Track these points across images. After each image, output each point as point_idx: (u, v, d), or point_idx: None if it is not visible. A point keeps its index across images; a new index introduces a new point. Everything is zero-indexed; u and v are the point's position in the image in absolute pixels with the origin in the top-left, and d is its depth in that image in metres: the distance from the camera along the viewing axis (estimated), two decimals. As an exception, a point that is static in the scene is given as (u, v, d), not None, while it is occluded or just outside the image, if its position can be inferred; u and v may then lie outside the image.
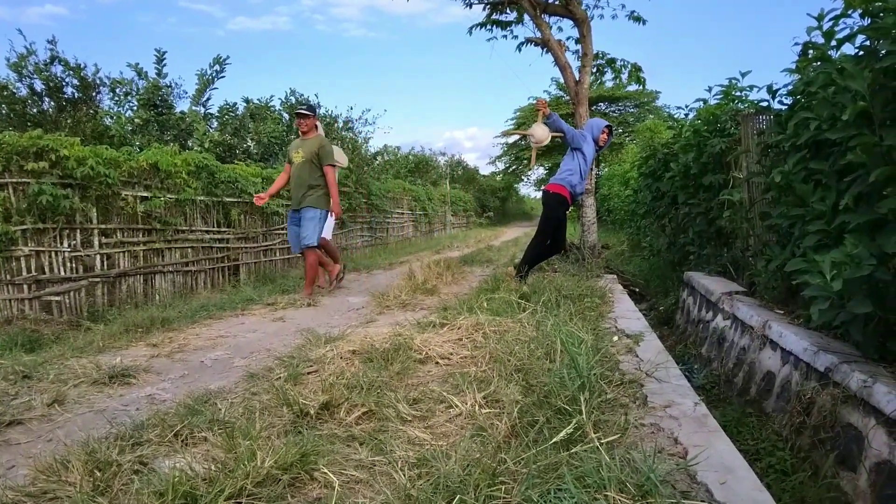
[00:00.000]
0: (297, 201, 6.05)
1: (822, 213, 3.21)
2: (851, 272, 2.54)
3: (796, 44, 3.67)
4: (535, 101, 6.08)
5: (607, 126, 6.09)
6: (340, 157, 6.79)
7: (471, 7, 8.93)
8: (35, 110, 8.38)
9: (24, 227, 5.09)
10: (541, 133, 6.15)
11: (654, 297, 7.40)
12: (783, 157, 3.90)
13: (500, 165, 36.70)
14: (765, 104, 4.58)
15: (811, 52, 3.54)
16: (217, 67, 9.28)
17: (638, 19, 8.99)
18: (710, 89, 5.70)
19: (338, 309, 5.55)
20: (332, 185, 6.05)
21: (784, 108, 4.18)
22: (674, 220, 7.07)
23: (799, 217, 3.52)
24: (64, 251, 5.38)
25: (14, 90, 8.18)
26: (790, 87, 3.98)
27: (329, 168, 6.06)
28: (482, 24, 9.18)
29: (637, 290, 7.56)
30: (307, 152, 6.01)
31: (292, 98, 12.87)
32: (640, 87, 10.08)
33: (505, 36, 9.25)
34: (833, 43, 3.29)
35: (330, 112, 13.75)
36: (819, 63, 3.40)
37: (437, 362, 3.21)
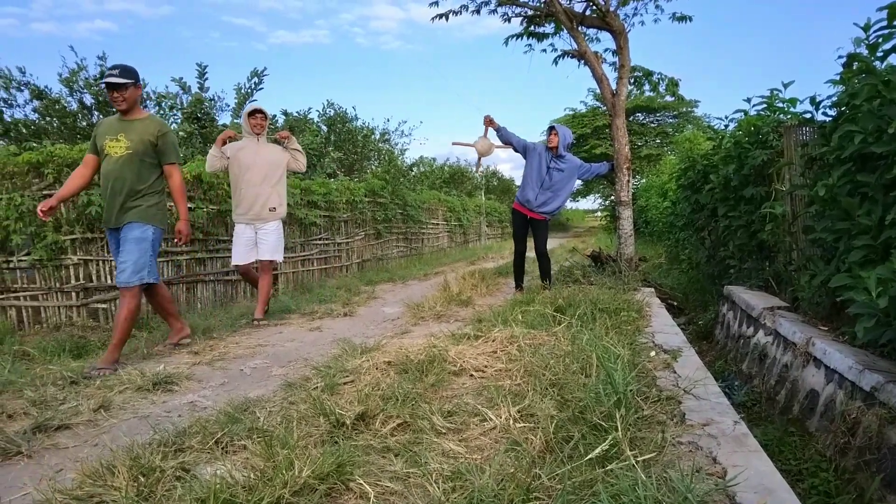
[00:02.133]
0: (114, 215, 4.08)
1: (867, 227, 3.12)
2: (899, 289, 2.47)
3: (840, 56, 3.60)
4: (484, 117, 6.75)
5: (549, 127, 6.51)
6: (299, 157, 5.73)
7: (509, 21, 8.95)
8: (85, 124, 8.69)
9: (74, 236, 5.28)
10: (482, 145, 6.81)
11: (692, 311, 7.27)
12: (827, 169, 3.81)
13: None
14: (808, 116, 4.49)
15: (856, 63, 3.46)
16: (255, 80, 9.48)
17: (682, 18, 8.85)
18: (749, 100, 5.61)
19: (373, 319, 5.60)
20: (181, 195, 4.24)
21: (828, 119, 4.09)
22: (713, 232, 6.94)
23: (844, 231, 3.43)
24: (110, 260, 5.56)
25: (65, 104, 8.50)
26: (834, 99, 3.90)
27: (174, 169, 4.22)
28: (518, 36, 9.20)
29: (675, 303, 7.43)
30: (136, 140, 4.07)
31: (330, 110, 13.08)
32: (675, 99, 9.97)
33: (544, 50, 9.25)
34: (879, 54, 3.22)
35: (367, 124, 13.95)
36: (864, 75, 3.33)
37: (471, 375, 3.22)
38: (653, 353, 3.55)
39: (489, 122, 6.66)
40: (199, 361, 3.98)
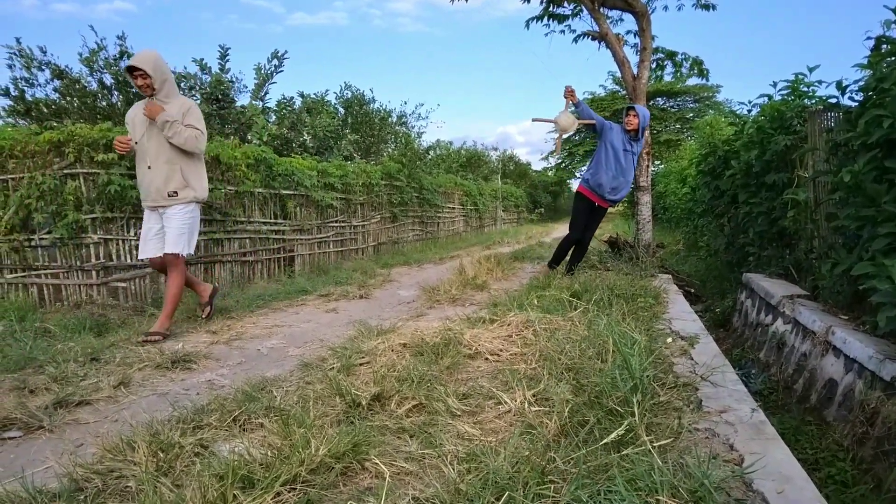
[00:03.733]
0: None
1: (893, 214, 3.07)
2: (924, 278, 2.43)
3: (869, 38, 3.52)
4: (565, 88, 6.13)
5: (628, 108, 6.07)
6: (194, 120, 4.29)
7: (528, 1, 8.85)
8: (105, 103, 8.73)
9: (94, 215, 5.33)
10: (565, 121, 6.17)
11: (710, 298, 7.22)
12: (853, 155, 3.74)
13: (553, 161, 36.27)
14: (833, 100, 4.40)
15: (885, 46, 3.38)
16: (275, 62, 9.48)
17: (707, 7, 8.70)
18: (774, 84, 5.52)
19: (389, 302, 5.62)
20: None
21: (854, 104, 4.00)
22: (733, 219, 6.87)
23: (868, 218, 3.37)
24: (130, 239, 5.61)
25: (85, 84, 8.55)
26: (861, 84, 3.81)
27: None
28: (538, 18, 9.10)
29: (692, 290, 7.38)
30: None
31: (347, 92, 13.05)
32: (703, 81, 9.83)
33: (563, 31, 9.13)
34: (910, 37, 3.14)
35: (384, 107, 13.90)
36: (893, 58, 3.25)
37: (486, 358, 3.22)
38: (670, 340, 3.52)
39: (571, 94, 6.05)
40: (216, 341, 4.02)
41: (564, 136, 6.51)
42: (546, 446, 1.95)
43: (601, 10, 8.09)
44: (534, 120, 7.75)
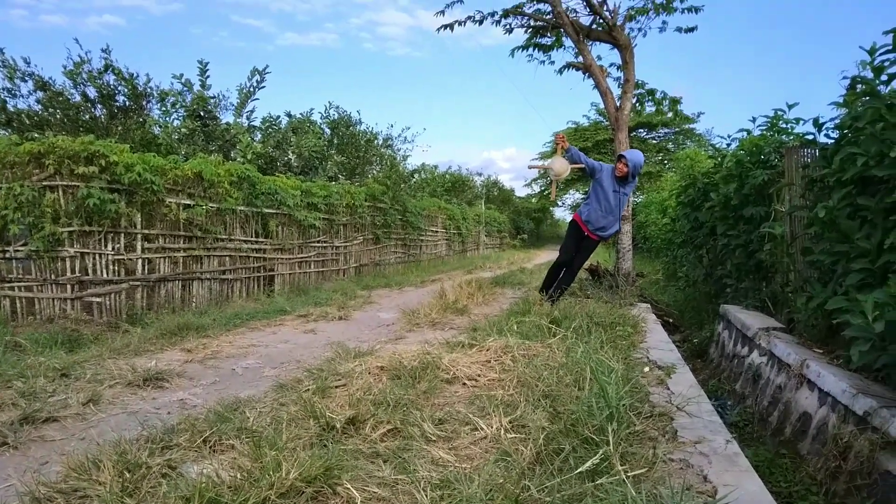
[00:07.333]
0: None
1: (866, 251, 3.12)
2: (895, 313, 2.47)
3: (844, 77, 3.62)
4: (554, 135, 6.32)
5: (619, 155, 6.30)
6: None
7: (510, 32, 9.01)
8: (87, 116, 8.69)
9: (71, 228, 5.26)
10: (559, 166, 6.44)
11: (688, 328, 7.26)
12: (828, 191, 3.81)
13: (536, 188, 36.59)
14: (810, 137, 4.50)
15: (860, 86, 3.47)
16: (257, 78, 9.51)
17: (689, 30, 8.91)
18: (754, 120, 5.64)
19: (368, 324, 5.58)
20: None
21: (830, 142, 4.09)
22: (712, 251, 6.95)
23: (842, 254, 3.43)
24: (107, 254, 5.54)
25: (69, 96, 8.51)
26: (837, 122, 3.91)
27: None
28: (524, 48, 9.25)
29: (671, 320, 7.43)
30: None
31: (334, 113, 13.10)
32: (678, 117, 10.12)
33: (543, 62, 9.31)
34: (884, 78, 3.23)
35: (371, 129, 13.96)
36: (868, 98, 3.34)
37: (464, 383, 3.20)
38: (647, 369, 3.54)
39: (562, 140, 6.42)
40: (191, 359, 3.96)
41: (559, 180, 6.68)
42: (521, 474, 1.93)
43: (585, 42, 8.25)
44: (530, 166, 8.01)
